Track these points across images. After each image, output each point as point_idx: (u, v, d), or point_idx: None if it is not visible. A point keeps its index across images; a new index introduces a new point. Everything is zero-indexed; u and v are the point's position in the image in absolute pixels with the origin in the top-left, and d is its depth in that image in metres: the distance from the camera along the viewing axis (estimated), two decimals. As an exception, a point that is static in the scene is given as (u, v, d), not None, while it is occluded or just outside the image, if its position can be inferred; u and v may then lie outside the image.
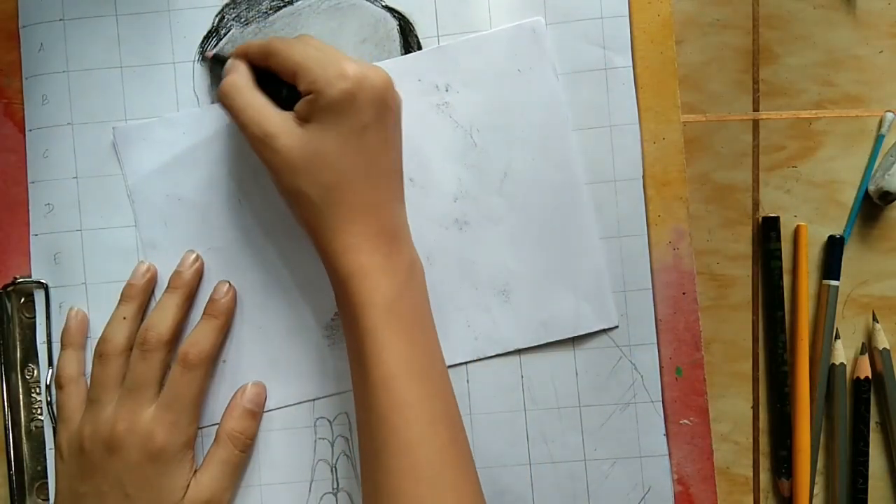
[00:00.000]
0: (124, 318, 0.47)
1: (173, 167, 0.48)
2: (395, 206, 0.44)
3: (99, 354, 0.46)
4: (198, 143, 0.48)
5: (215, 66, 0.47)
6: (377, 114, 0.42)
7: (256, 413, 0.47)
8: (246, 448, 0.47)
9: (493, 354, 0.47)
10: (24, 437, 0.48)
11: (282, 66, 0.43)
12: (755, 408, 0.50)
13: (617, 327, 0.48)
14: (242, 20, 0.48)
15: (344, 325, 0.44)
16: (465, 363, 0.47)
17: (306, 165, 0.42)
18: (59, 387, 0.47)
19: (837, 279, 0.49)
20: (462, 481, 0.41)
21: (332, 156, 0.42)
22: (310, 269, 0.48)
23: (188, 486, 0.45)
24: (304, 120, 0.42)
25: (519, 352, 0.48)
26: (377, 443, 0.40)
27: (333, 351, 0.48)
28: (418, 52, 0.48)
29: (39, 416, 0.48)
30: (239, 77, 0.44)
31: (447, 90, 0.48)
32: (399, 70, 0.46)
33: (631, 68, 0.48)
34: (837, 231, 0.50)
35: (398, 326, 0.41)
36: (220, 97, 0.44)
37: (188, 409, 0.45)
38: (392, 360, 0.41)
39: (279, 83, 0.44)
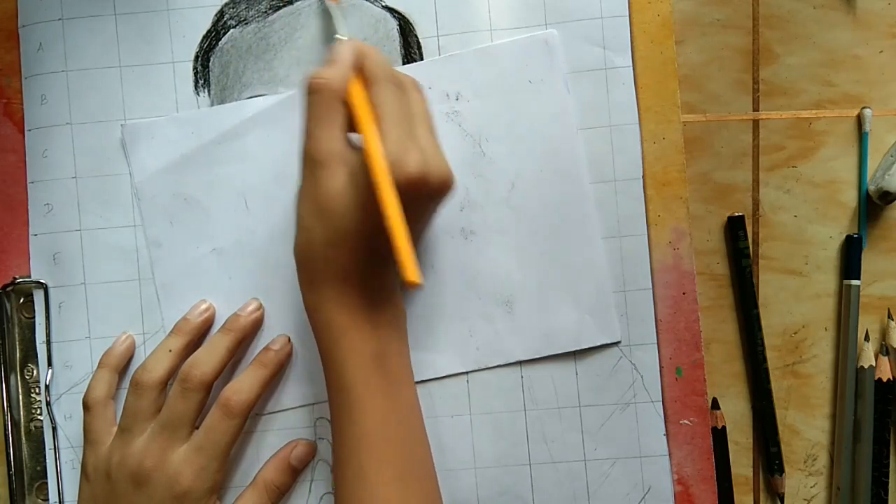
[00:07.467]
0: (170, 351, 0.46)
1: (180, 166, 0.48)
2: (392, 267, 0.42)
3: (136, 384, 0.45)
4: (206, 144, 0.48)
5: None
6: (422, 210, 0.41)
7: (298, 470, 0.47)
8: (277, 500, 0.47)
9: (494, 365, 0.47)
10: (23, 437, 0.48)
11: (371, 103, 0.40)
12: (755, 408, 0.50)
13: (619, 342, 0.47)
14: (242, 19, 0.48)
15: (326, 377, 0.43)
16: (466, 373, 0.47)
17: (329, 210, 0.40)
18: (86, 408, 0.46)
19: (858, 278, 0.49)
20: None
21: (356, 222, 0.40)
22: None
23: None
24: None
25: (519, 354, 0.48)
26: (351, 496, 0.41)
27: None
28: (431, 59, 0.48)
29: (39, 416, 0.48)
30: (331, 80, 0.40)
31: (457, 99, 0.47)
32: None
33: (631, 68, 0.48)
34: (837, 231, 0.50)
35: (377, 384, 0.41)
36: (305, 88, 0.41)
37: (220, 455, 0.44)
38: (369, 419, 0.41)
39: None
